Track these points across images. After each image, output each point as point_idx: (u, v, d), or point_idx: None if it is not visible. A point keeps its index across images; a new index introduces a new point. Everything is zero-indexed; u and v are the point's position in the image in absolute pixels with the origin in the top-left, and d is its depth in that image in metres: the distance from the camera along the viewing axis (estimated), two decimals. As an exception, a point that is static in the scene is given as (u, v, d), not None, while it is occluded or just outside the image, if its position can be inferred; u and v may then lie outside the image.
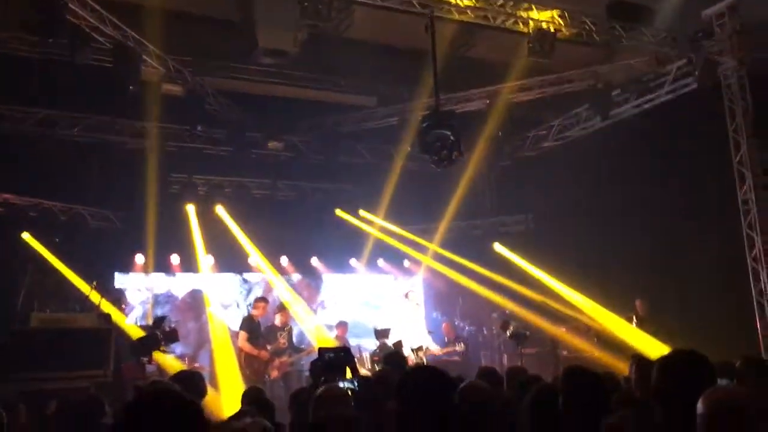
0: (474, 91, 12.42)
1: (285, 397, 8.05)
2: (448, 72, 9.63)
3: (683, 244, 10.89)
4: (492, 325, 12.20)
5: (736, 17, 10.00)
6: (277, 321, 10.68)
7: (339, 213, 13.49)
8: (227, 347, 11.19)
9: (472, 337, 12.21)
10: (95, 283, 9.59)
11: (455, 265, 13.78)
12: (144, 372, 7.91)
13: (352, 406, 3.66)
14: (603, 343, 11.18)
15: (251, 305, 11.64)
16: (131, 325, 10.32)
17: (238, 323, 10.96)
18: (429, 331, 12.16)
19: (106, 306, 9.00)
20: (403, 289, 13.43)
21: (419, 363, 9.59)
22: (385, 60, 11.03)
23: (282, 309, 10.96)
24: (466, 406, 3.17)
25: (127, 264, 12.09)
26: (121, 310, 9.92)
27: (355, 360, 5.47)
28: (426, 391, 2.64)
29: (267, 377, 10.07)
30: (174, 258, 12.29)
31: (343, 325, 11.50)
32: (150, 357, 7.96)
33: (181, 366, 9.46)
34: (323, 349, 4.90)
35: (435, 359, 11.05)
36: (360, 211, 13.68)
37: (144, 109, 11.25)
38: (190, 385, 4.43)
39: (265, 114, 12.56)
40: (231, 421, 4.10)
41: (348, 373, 4.96)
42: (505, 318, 11.51)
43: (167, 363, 8.82)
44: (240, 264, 12.99)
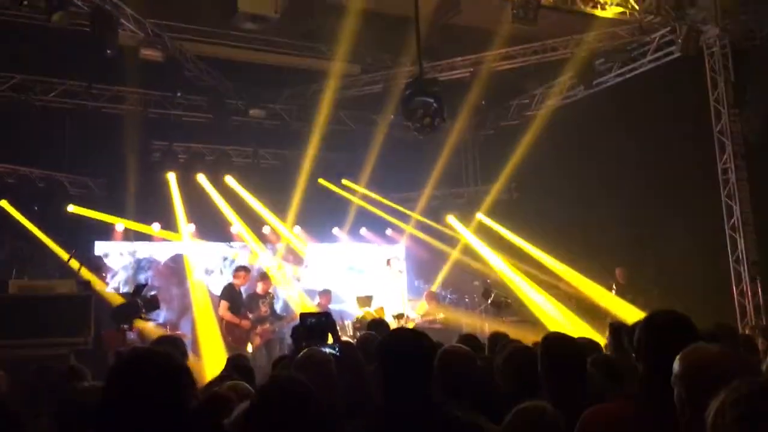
0: (458, 59, 12.32)
1: (268, 365, 8.10)
2: (431, 39, 9.55)
3: (663, 212, 10.99)
4: (474, 293, 12.28)
5: (720, -16, 9.99)
6: (259, 289, 10.65)
7: (321, 181, 13.43)
8: (209, 314, 11.19)
9: (453, 305, 12.27)
10: (74, 251, 9.50)
11: (437, 234, 13.84)
12: (125, 339, 7.85)
13: (334, 370, 3.66)
14: (583, 311, 11.33)
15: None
16: (111, 293, 10.27)
17: (220, 290, 10.94)
18: (410, 299, 12.23)
19: (85, 273, 8.92)
20: (385, 257, 13.46)
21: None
22: (368, 27, 10.88)
23: (264, 277, 10.94)
24: (447, 368, 3.19)
25: (107, 232, 12.00)
26: (102, 278, 9.85)
27: (337, 326, 5.47)
28: (407, 352, 2.63)
29: (250, 345, 10.09)
30: (155, 226, 12.20)
31: (327, 294, 11.51)
32: (131, 324, 7.91)
33: (163, 333, 9.43)
34: (305, 315, 4.89)
35: (416, 326, 11.11)
36: (343, 180, 13.64)
37: (122, 75, 11.08)
38: (171, 349, 4.41)
39: (247, 81, 12.41)
40: (211, 386, 4.10)
41: (330, 339, 4.97)
42: (487, 286, 11.60)
43: (148, 330, 8.78)
44: (222, 233, 12.93)
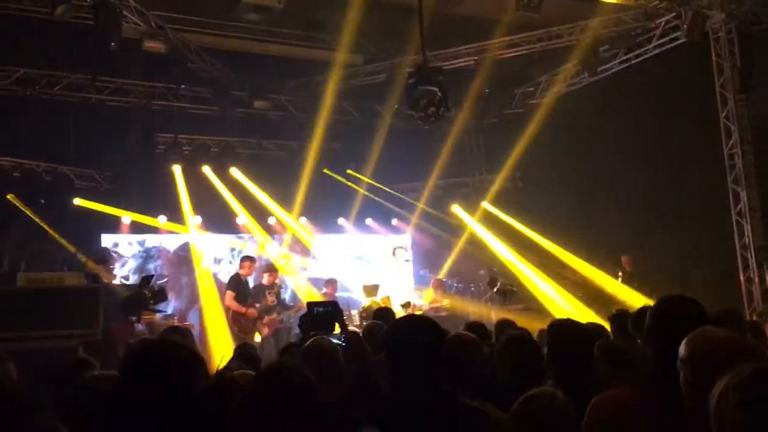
0: (461, 48, 12.28)
1: (275, 355, 8.14)
2: (435, 28, 9.51)
3: (669, 199, 10.96)
4: (479, 282, 12.29)
5: (725, -31, 9.92)
6: (265, 280, 10.69)
7: (326, 172, 13.44)
8: (217, 305, 11.24)
9: (459, 294, 12.30)
10: (78, 250, 9.60)
11: (443, 223, 13.85)
12: (133, 331, 7.91)
13: (340, 358, 3.68)
14: (589, 299, 11.34)
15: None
16: (119, 285, 10.31)
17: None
18: (416, 288, 12.25)
19: (92, 266, 8.96)
20: (391, 247, 13.49)
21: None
22: (371, 16, 10.85)
23: (270, 269, 10.96)
24: (452, 355, 3.20)
25: (114, 224, 12.04)
26: (109, 270, 9.88)
27: (344, 315, 5.49)
28: (415, 339, 2.63)
29: (258, 335, 10.13)
30: (161, 218, 12.24)
31: (333, 283, 11.54)
32: (139, 316, 7.97)
33: (171, 324, 9.48)
34: (312, 303, 4.92)
35: (423, 311, 11.14)
36: (347, 171, 13.64)
37: (126, 68, 11.09)
38: (181, 340, 4.44)
39: (251, 72, 12.39)
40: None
41: (337, 328, 4.99)
42: (493, 274, 11.61)
43: (156, 322, 8.82)
44: (228, 224, 12.96)
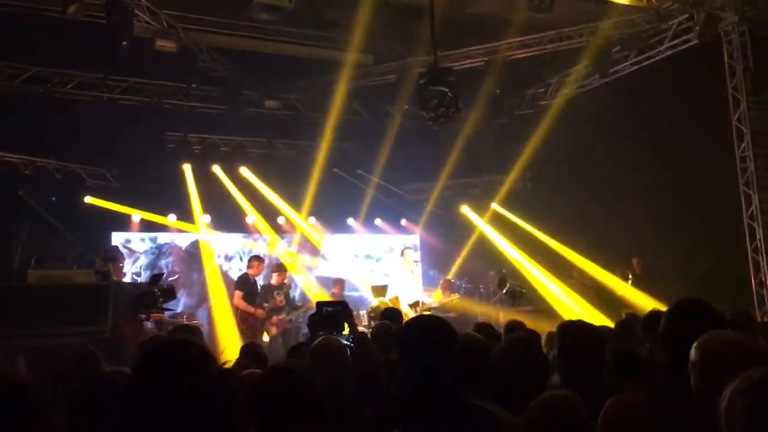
0: (472, 49, 12.25)
1: (283, 354, 8.15)
2: (446, 28, 9.49)
3: (680, 202, 10.89)
4: (488, 283, 12.27)
5: (739, -30, 9.85)
6: (274, 280, 10.71)
7: (337, 171, 13.43)
8: (225, 304, 11.28)
9: (468, 295, 12.28)
10: (85, 250, 9.71)
11: (452, 224, 13.82)
12: (142, 329, 7.94)
13: (348, 357, 3.68)
14: (599, 301, 11.28)
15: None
16: (129, 282, 10.37)
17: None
18: (425, 289, 12.24)
19: (101, 264, 9.00)
20: (400, 247, 13.48)
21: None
22: (382, 16, 10.85)
23: (278, 269, 10.98)
24: (462, 356, 3.18)
25: (124, 223, 12.10)
26: (118, 268, 9.91)
27: (353, 315, 5.49)
28: (426, 339, 2.61)
29: (266, 335, 10.15)
30: (171, 217, 12.28)
31: (341, 283, 11.55)
32: (148, 314, 7.99)
33: (180, 322, 9.50)
34: (321, 303, 4.92)
35: (431, 311, 11.12)
36: (357, 171, 13.63)
37: (137, 66, 11.13)
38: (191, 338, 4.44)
39: (261, 72, 12.41)
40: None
41: (346, 328, 4.99)
42: (502, 276, 11.57)
43: (165, 320, 8.85)
44: (237, 223, 12.99)
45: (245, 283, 10.46)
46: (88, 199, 11.65)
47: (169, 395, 1.89)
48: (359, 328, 8.69)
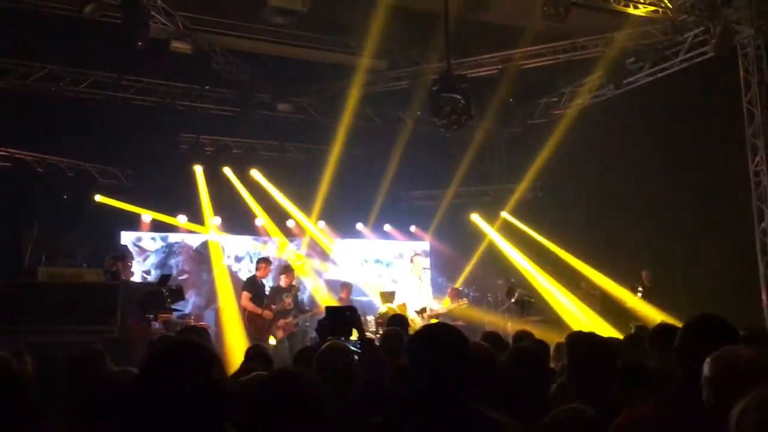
0: (486, 56, 12.25)
1: (289, 358, 8.14)
2: (460, 36, 9.49)
3: (691, 214, 10.84)
4: (497, 292, 12.22)
5: (756, -16, 9.82)
6: (282, 282, 10.71)
7: (347, 177, 13.43)
8: (234, 306, 11.28)
9: (476, 303, 12.23)
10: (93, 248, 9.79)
11: (462, 231, 13.78)
12: (150, 329, 7.96)
13: (355, 362, 3.67)
14: (608, 312, 11.22)
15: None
16: (138, 282, 10.40)
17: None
18: (433, 296, 12.17)
19: (110, 263, 9.04)
20: (409, 254, 13.43)
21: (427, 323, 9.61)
22: (396, 22, 10.87)
23: (287, 270, 10.97)
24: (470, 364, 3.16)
25: (134, 222, 12.15)
26: (127, 267, 9.95)
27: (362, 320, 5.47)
28: (436, 347, 2.60)
29: (273, 338, 10.14)
30: (181, 218, 12.32)
31: (348, 287, 11.54)
32: (156, 315, 8.00)
33: (188, 323, 9.52)
34: (331, 308, 4.90)
35: (439, 316, 11.08)
36: (368, 176, 13.62)
37: (151, 67, 11.19)
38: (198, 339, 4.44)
39: (275, 75, 12.45)
40: (235, 377, 4.13)
41: (354, 334, 4.97)
42: (511, 285, 11.53)
43: (172, 321, 8.87)
44: (247, 226, 13.02)
45: (253, 285, 10.47)
46: (98, 198, 11.70)
47: (173, 395, 1.91)
48: (366, 334, 8.67)
